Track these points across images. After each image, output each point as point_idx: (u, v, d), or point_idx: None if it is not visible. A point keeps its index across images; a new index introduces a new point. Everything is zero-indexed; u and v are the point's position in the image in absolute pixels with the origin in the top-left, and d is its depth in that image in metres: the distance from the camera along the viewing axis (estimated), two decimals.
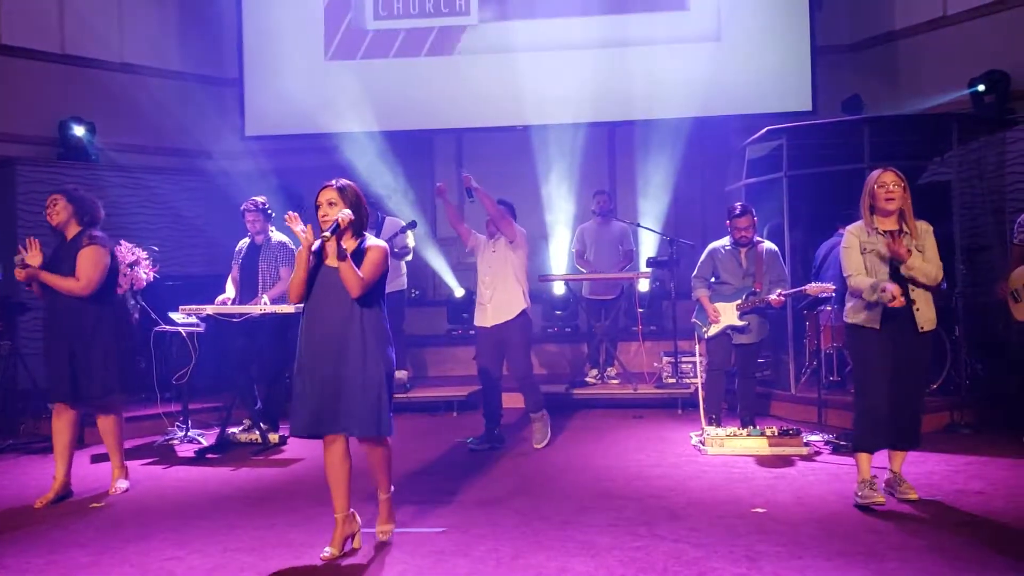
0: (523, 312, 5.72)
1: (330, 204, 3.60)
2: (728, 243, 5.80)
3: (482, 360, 5.82)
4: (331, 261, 3.57)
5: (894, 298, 3.96)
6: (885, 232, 4.12)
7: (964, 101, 7.59)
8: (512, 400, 7.05)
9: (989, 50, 7.68)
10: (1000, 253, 6.81)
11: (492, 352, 5.76)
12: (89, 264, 4.56)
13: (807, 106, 8.34)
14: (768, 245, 5.79)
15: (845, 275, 4.25)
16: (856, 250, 4.18)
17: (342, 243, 3.53)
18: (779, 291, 5.56)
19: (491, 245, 5.80)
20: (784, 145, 6.63)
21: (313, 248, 3.58)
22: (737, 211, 5.71)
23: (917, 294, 4.12)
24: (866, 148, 6.16)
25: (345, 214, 3.57)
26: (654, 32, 8.61)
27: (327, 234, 3.50)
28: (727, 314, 5.69)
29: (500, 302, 5.70)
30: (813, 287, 5.45)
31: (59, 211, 4.64)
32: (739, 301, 5.66)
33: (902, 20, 8.63)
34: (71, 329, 4.55)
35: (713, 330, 5.73)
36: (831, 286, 5.46)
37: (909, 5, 8.57)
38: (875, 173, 4.18)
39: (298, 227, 3.60)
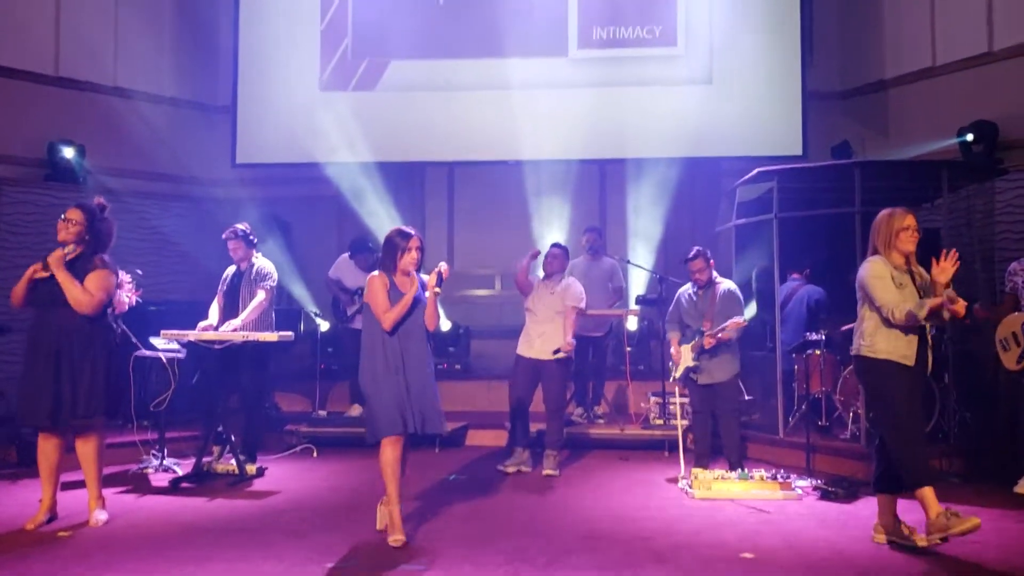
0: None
1: (419, 250, 4.40)
2: (692, 286, 5.92)
3: (518, 388, 6.18)
4: (409, 294, 4.37)
5: (955, 301, 3.98)
6: (907, 271, 4.14)
7: (952, 150, 7.64)
8: (495, 438, 6.98)
9: (977, 101, 7.77)
10: (988, 303, 6.79)
11: (529, 382, 6.15)
12: (100, 285, 4.52)
13: (797, 151, 8.37)
14: (726, 286, 5.88)
15: (880, 305, 4.06)
16: (889, 280, 4.07)
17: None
18: (707, 333, 5.68)
19: (549, 287, 6.19)
20: (775, 187, 6.63)
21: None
22: (691, 255, 5.94)
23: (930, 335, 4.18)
24: (857, 192, 6.15)
25: (444, 267, 4.39)
26: (646, 73, 8.66)
27: (438, 289, 4.35)
28: (686, 355, 5.85)
29: (551, 340, 6.04)
30: (731, 323, 5.60)
31: (72, 229, 4.57)
32: (694, 341, 5.77)
33: (892, 69, 8.74)
34: (61, 346, 4.43)
35: (678, 372, 5.92)
36: (742, 320, 5.66)
37: (899, 55, 8.68)
38: (898, 213, 4.14)
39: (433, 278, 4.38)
